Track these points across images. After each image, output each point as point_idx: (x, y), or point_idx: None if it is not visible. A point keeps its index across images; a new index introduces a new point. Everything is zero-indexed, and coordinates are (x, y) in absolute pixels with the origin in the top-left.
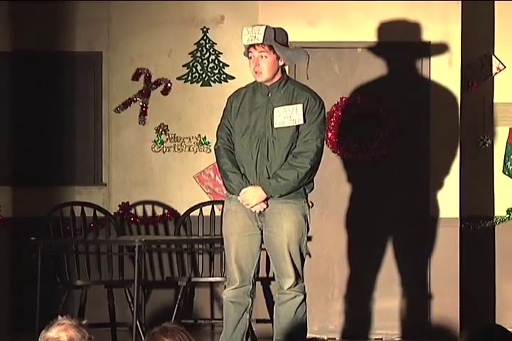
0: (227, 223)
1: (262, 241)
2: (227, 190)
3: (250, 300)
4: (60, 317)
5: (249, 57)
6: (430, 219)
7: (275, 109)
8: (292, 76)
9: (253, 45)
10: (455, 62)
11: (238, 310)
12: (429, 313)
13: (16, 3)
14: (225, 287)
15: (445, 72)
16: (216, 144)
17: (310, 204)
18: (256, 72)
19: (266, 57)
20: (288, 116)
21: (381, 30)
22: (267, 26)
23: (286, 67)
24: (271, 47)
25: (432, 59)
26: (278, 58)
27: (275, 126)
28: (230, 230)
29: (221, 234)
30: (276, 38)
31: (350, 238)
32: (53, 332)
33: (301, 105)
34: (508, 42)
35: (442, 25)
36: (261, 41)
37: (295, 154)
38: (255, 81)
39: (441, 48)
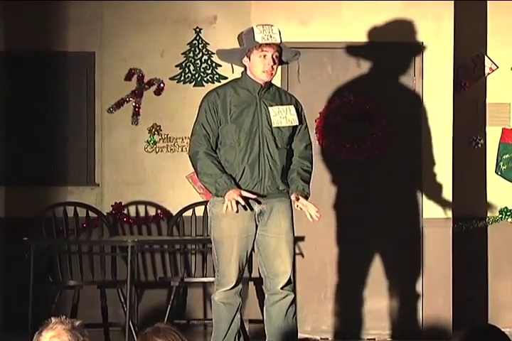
0: (225, 226)
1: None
2: (215, 189)
3: (240, 299)
4: (53, 319)
5: (261, 56)
6: (423, 219)
7: (270, 108)
8: (285, 76)
9: (269, 44)
10: (447, 63)
11: (230, 311)
12: (421, 313)
13: (7, 2)
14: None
15: (437, 72)
16: (193, 149)
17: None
18: (265, 71)
19: (277, 57)
20: (283, 116)
21: (374, 30)
22: (277, 27)
23: (280, 67)
24: (280, 48)
25: (424, 59)
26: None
27: (273, 125)
28: (228, 233)
29: None
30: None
31: (342, 238)
32: (46, 337)
33: (293, 106)
34: (501, 42)
35: (435, 26)
36: (279, 41)
37: (302, 159)
38: (234, 79)
39: (434, 48)
